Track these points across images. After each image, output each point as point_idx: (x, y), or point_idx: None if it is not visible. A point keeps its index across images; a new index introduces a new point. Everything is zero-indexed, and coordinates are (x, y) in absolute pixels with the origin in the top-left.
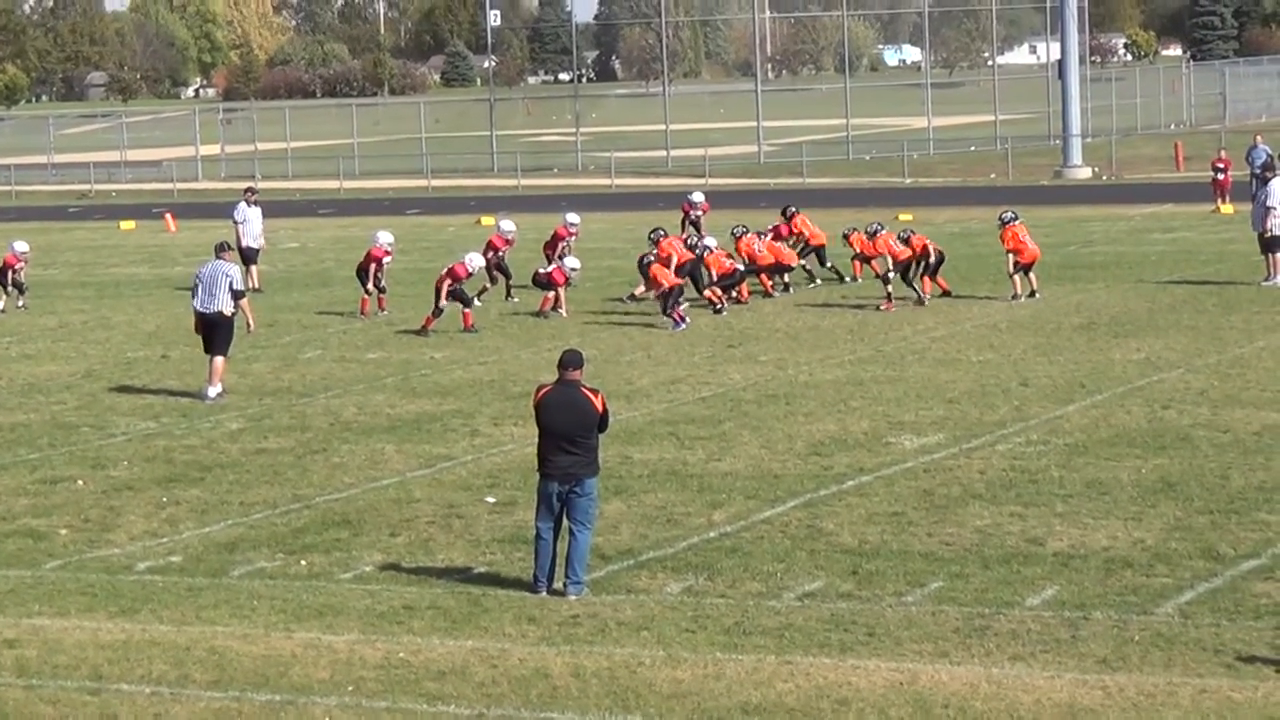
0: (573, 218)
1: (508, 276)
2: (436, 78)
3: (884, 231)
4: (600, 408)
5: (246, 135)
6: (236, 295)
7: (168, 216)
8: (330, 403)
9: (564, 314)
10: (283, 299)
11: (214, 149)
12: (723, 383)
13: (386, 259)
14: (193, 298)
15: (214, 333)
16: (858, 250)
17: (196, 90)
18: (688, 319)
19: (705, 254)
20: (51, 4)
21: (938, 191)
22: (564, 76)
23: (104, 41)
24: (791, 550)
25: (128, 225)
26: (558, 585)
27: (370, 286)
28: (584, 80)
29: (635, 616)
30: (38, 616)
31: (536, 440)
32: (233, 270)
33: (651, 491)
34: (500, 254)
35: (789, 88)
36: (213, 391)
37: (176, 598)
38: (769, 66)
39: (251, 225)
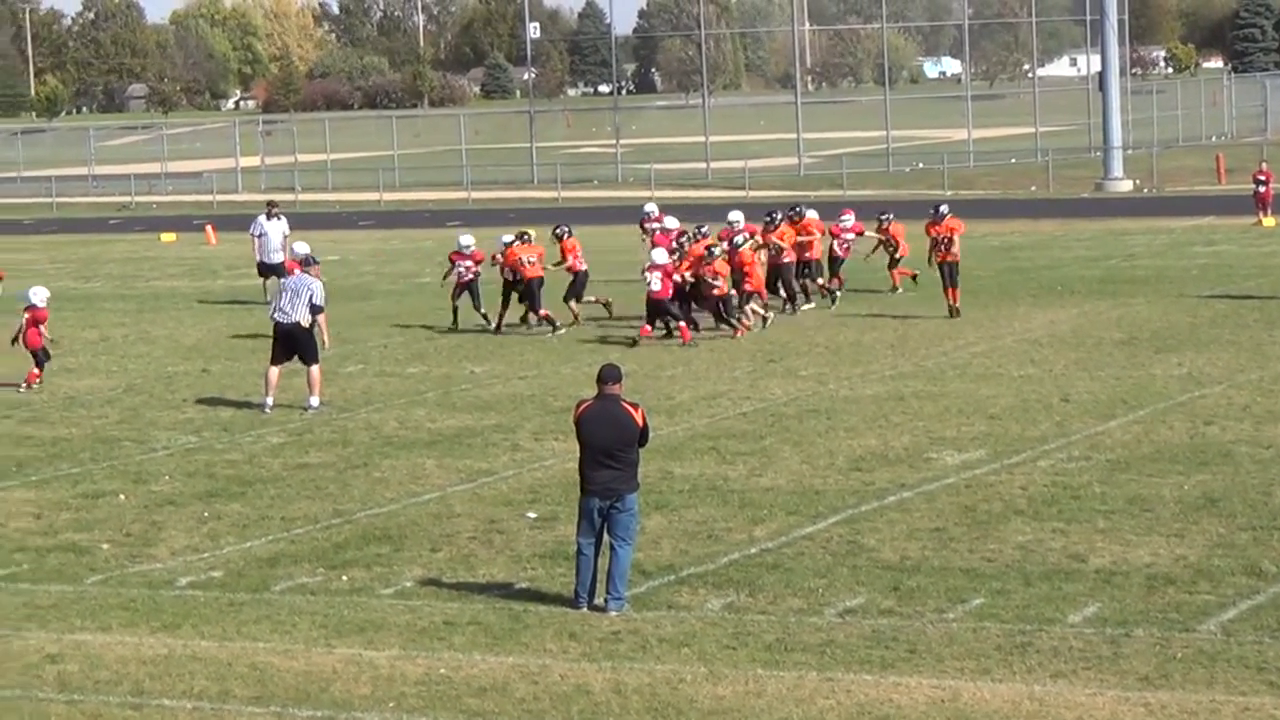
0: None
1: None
2: (476, 90)
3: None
4: (641, 422)
5: (286, 147)
6: (315, 310)
7: (208, 228)
8: (371, 417)
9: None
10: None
11: (254, 161)
12: (764, 397)
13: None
14: (271, 308)
15: (293, 344)
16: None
17: (237, 102)
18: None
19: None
20: (93, 16)
21: (978, 204)
22: (604, 89)
23: (145, 53)
24: (833, 566)
25: (168, 237)
26: (599, 601)
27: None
28: (624, 92)
29: (676, 633)
30: (80, 631)
31: (578, 456)
32: (315, 285)
33: (692, 507)
34: (463, 270)
35: (829, 100)
36: (315, 401)
37: (218, 613)
38: (809, 79)
39: (270, 240)
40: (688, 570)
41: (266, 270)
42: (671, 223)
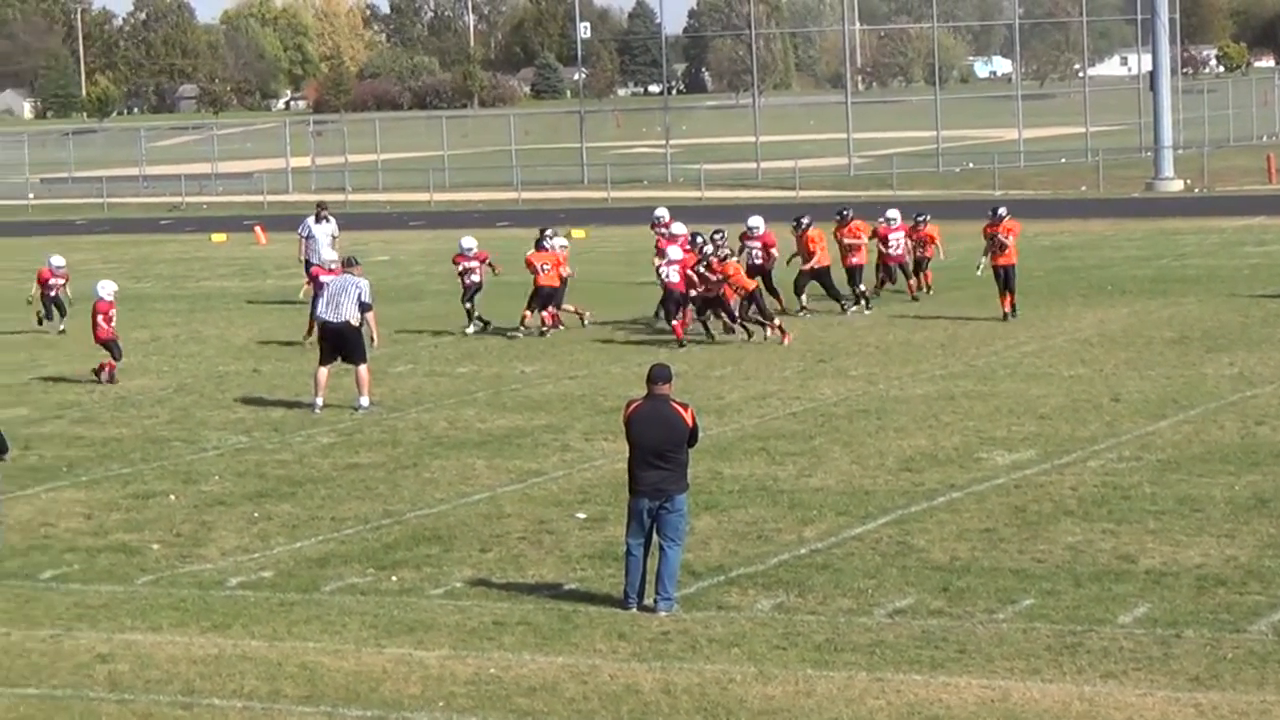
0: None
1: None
2: (526, 90)
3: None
4: (690, 422)
5: (337, 147)
6: (364, 308)
7: (258, 229)
8: (421, 417)
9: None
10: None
11: (304, 161)
12: (813, 397)
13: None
14: (318, 307)
15: (342, 343)
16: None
17: (287, 102)
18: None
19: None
20: (144, 17)
21: (1028, 204)
22: (654, 88)
23: (195, 54)
24: (882, 567)
25: (219, 238)
26: (648, 601)
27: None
28: (674, 92)
29: (726, 633)
30: (130, 631)
31: (627, 456)
32: (363, 283)
33: (742, 507)
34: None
35: (879, 99)
36: (365, 401)
37: (268, 613)
38: (859, 78)
39: (317, 241)
40: (737, 571)
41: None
42: (679, 228)
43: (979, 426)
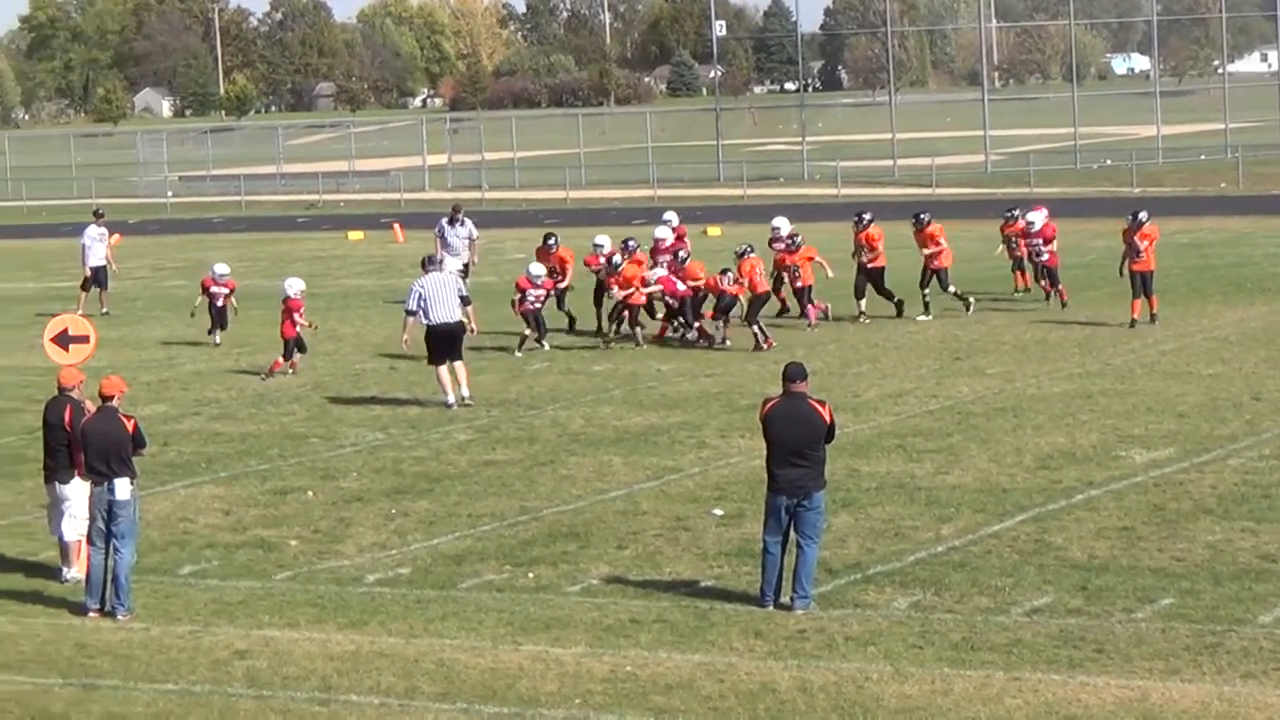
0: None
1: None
2: (662, 88)
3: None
4: (828, 418)
5: (473, 145)
6: (465, 301)
7: (396, 226)
8: (558, 415)
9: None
10: (506, 310)
11: (441, 159)
12: (950, 395)
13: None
14: (421, 314)
15: (454, 342)
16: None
17: (424, 100)
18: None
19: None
20: (280, 16)
21: (1167, 201)
22: (789, 86)
23: (332, 52)
24: (1020, 565)
25: (356, 235)
26: (784, 599)
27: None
28: (810, 90)
29: (862, 631)
30: (268, 627)
31: (765, 453)
32: (459, 280)
33: (879, 505)
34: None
35: (1016, 97)
36: (467, 393)
37: (405, 610)
38: (996, 75)
39: (451, 244)
40: (874, 569)
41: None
42: (663, 231)
43: (1117, 425)
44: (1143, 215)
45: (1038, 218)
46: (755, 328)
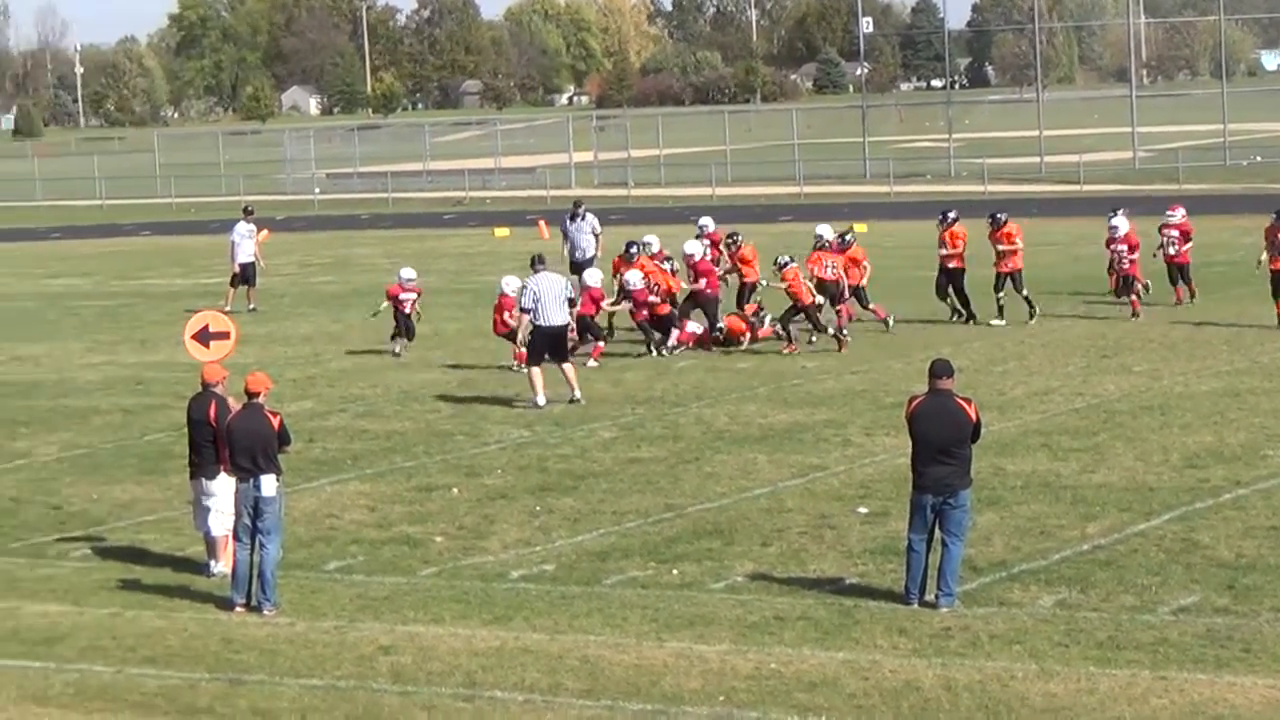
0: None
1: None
2: (808, 85)
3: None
4: (974, 416)
5: (619, 142)
6: (571, 304)
7: (541, 223)
8: (702, 412)
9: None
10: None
11: (587, 156)
12: (1096, 393)
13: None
14: (534, 316)
15: (558, 344)
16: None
17: (570, 98)
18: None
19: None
20: (428, 14)
21: None
22: (936, 83)
23: (479, 50)
24: (1166, 564)
25: (502, 232)
26: (929, 597)
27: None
28: (956, 87)
29: (1007, 629)
30: (413, 623)
31: (910, 451)
32: (565, 281)
33: (1024, 503)
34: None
35: (1164, 93)
36: (579, 394)
37: (549, 606)
38: (1144, 72)
39: (576, 239)
40: (1019, 567)
41: (575, 268)
42: (693, 247)
43: (1265, 423)
44: None
45: (1176, 215)
46: (779, 326)
